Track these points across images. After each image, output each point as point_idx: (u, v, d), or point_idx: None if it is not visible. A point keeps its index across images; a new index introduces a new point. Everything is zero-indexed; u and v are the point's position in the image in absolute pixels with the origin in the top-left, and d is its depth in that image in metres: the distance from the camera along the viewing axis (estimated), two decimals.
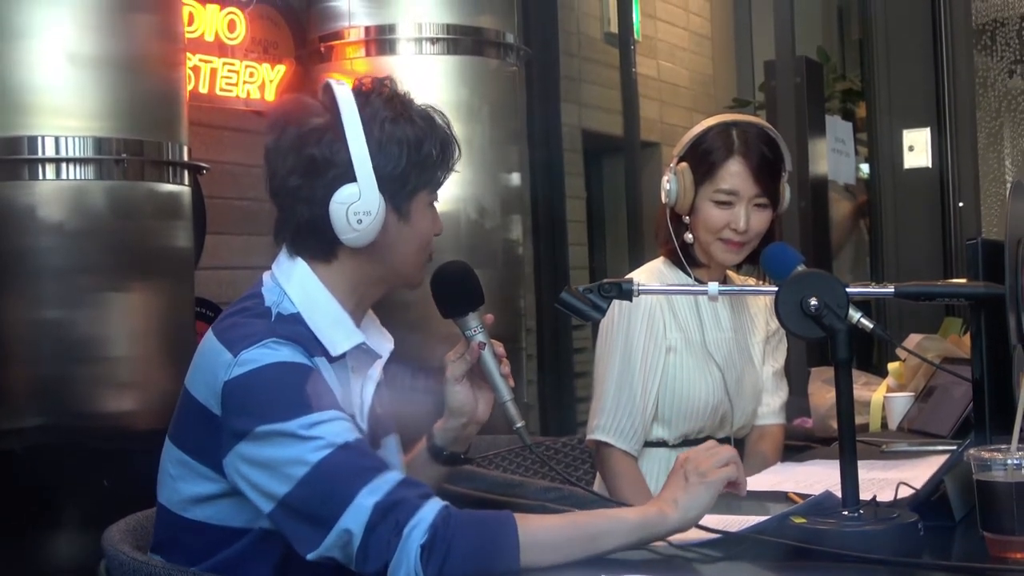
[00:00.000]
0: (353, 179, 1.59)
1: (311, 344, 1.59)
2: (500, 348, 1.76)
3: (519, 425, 1.72)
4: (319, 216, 1.60)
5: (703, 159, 2.32)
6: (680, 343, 2.36)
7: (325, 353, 1.61)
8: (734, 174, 2.29)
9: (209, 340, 1.59)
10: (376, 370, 1.72)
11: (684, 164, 2.33)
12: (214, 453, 1.54)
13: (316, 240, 1.63)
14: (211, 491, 1.57)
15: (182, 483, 1.60)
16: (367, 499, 1.44)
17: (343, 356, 1.65)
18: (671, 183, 2.33)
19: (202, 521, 1.59)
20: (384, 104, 1.63)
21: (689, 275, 2.37)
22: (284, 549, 1.54)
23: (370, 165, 1.59)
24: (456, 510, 1.47)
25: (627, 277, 1.90)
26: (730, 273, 2.45)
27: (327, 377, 1.59)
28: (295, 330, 1.58)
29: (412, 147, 1.62)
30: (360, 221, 1.59)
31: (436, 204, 1.71)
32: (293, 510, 1.48)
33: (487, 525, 1.46)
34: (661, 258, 2.43)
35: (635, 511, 1.56)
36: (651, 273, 2.40)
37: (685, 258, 2.37)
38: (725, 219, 2.30)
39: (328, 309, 1.63)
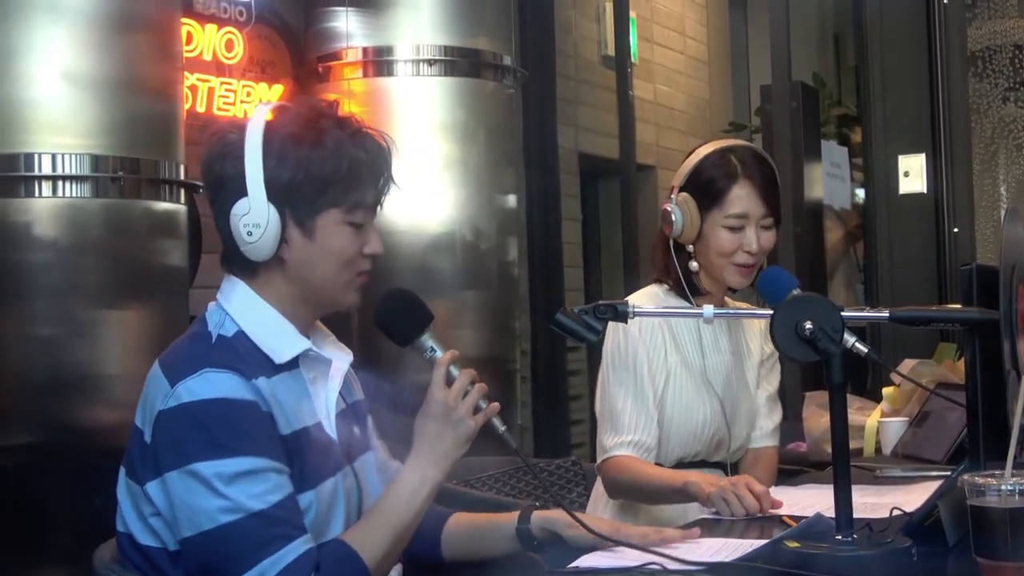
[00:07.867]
0: (247, 193, 1.59)
1: (253, 363, 1.58)
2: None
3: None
4: (227, 232, 1.62)
5: (707, 187, 2.32)
6: (680, 368, 2.36)
7: (269, 367, 1.60)
8: (742, 197, 2.31)
9: (154, 366, 1.60)
10: (335, 380, 1.71)
11: (685, 194, 2.33)
12: (142, 476, 1.57)
13: (237, 256, 1.64)
14: (150, 511, 1.58)
15: (129, 505, 1.61)
16: (266, 572, 1.49)
17: (297, 367, 1.65)
18: (676, 214, 2.33)
19: (151, 546, 1.59)
20: (291, 121, 1.62)
21: (691, 302, 2.36)
22: None
23: (261, 178, 1.58)
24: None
25: (624, 300, 1.89)
26: (726, 299, 2.45)
27: (275, 393, 1.58)
28: (235, 352, 1.58)
29: (311, 163, 1.60)
30: (251, 233, 1.59)
31: (365, 224, 1.65)
32: (194, 554, 1.53)
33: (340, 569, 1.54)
34: (656, 283, 2.43)
35: (406, 482, 1.62)
36: (648, 297, 2.40)
37: (688, 286, 2.37)
38: (737, 242, 2.31)
39: (268, 318, 1.64)
